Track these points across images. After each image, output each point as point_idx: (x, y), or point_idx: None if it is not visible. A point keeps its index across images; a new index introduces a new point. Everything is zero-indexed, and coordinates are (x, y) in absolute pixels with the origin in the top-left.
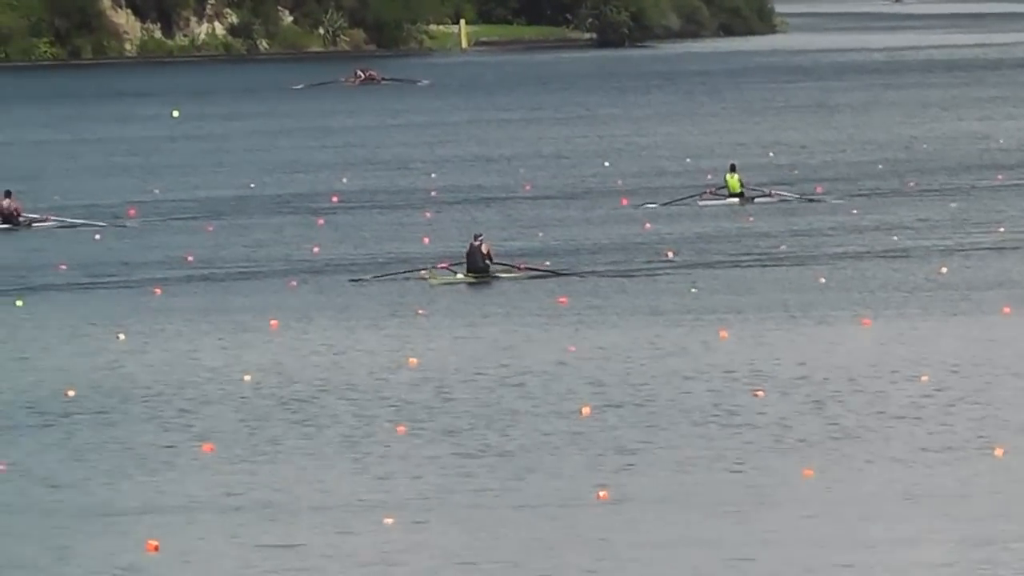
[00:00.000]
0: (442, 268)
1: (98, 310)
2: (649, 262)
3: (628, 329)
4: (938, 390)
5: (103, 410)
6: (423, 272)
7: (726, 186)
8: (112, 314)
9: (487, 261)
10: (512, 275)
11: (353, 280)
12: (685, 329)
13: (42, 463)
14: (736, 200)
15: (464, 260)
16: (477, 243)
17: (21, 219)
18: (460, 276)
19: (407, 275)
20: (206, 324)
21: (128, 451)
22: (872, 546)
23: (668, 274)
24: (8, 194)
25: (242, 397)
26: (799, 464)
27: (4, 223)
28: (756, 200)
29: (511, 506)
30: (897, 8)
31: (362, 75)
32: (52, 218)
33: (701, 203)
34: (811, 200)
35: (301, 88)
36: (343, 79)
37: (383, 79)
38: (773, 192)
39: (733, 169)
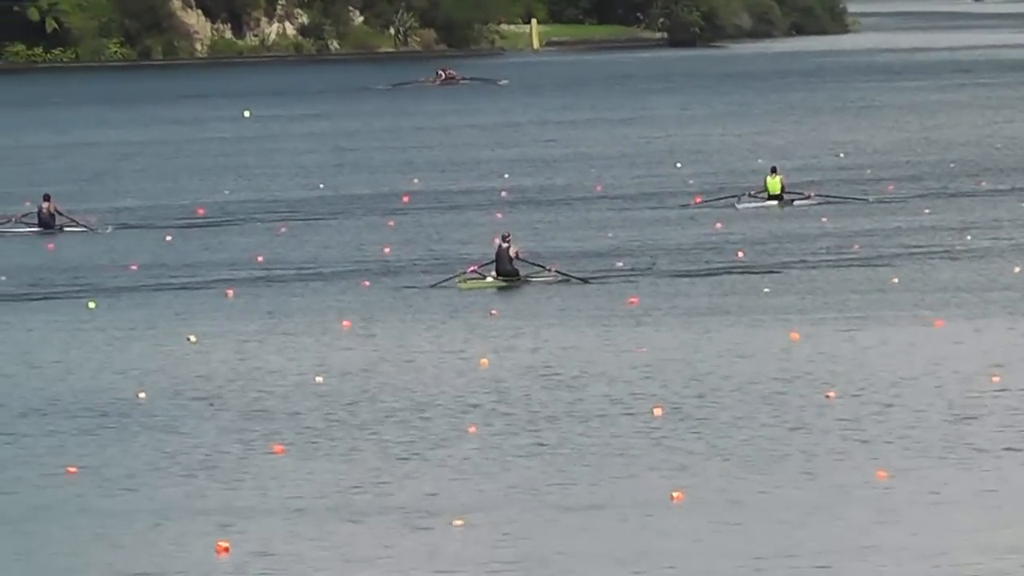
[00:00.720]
0: (471, 271)
1: (169, 312)
2: (719, 263)
3: (699, 330)
4: (1012, 391)
5: (174, 412)
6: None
7: (765, 188)
8: (183, 316)
9: (514, 264)
10: (543, 278)
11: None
12: (757, 330)
13: (113, 465)
14: (775, 203)
15: (492, 261)
16: (505, 245)
17: (57, 222)
18: (490, 280)
19: (446, 281)
20: (277, 325)
21: (198, 453)
22: (948, 549)
23: (739, 275)
24: (47, 197)
25: (313, 398)
26: (873, 466)
27: (41, 226)
28: (795, 203)
29: (584, 507)
30: (977, 7)
31: (443, 75)
32: (83, 222)
33: (739, 206)
34: (856, 200)
35: (384, 88)
36: (423, 79)
37: (463, 79)
38: (814, 195)
39: (774, 171)
